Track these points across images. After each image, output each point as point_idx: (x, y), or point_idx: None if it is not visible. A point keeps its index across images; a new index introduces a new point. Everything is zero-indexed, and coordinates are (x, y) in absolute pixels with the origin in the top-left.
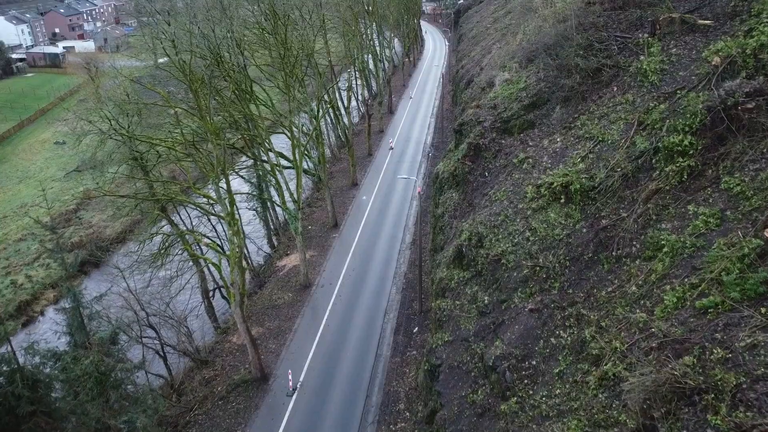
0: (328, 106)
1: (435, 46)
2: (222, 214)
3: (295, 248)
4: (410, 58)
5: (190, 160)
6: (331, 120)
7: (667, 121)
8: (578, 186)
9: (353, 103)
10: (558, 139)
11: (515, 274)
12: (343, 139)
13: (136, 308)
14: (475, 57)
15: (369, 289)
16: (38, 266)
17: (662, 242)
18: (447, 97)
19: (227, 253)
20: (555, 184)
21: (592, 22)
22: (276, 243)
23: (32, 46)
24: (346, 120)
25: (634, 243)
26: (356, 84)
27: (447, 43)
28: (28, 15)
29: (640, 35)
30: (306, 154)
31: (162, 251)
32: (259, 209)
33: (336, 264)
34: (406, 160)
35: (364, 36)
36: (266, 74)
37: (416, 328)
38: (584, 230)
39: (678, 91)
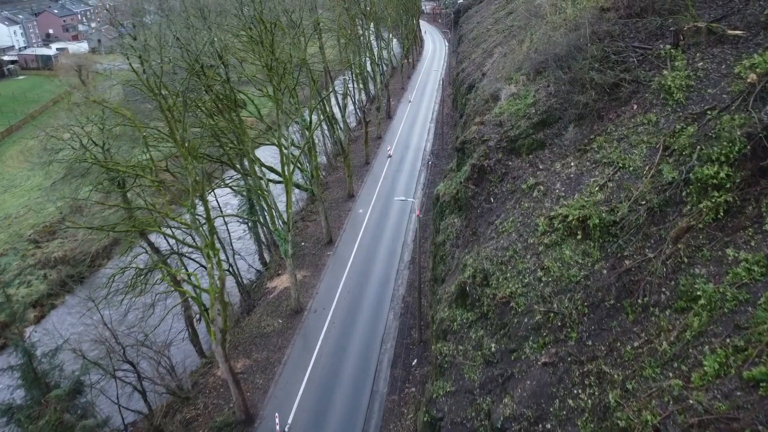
0: (324, 116)
1: (435, 46)
2: (200, 245)
3: (292, 256)
4: (409, 60)
5: (162, 186)
6: (327, 124)
7: (698, 147)
8: (597, 221)
9: (350, 107)
10: (572, 164)
11: (526, 320)
12: (338, 147)
13: (111, 341)
14: (477, 60)
15: (365, 314)
16: (19, 283)
17: (697, 292)
18: (447, 101)
19: (214, 281)
20: (570, 218)
21: (607, 31)
22: (268, 259)
23: (25, 48)
24: (342, 128)
25: (664, 290)
26: (353, 88)
27: (447, 44)
28: (20, 16)
29: (662, 46)
30: (299, 167)
31: (136, 281)
32: (249, 224)
33: (330, 285)
34: (405, 168)
35: (362, 38)
36: (255, 83)
37: (415, 360)
38: (604, 272)
39: (708, 112)
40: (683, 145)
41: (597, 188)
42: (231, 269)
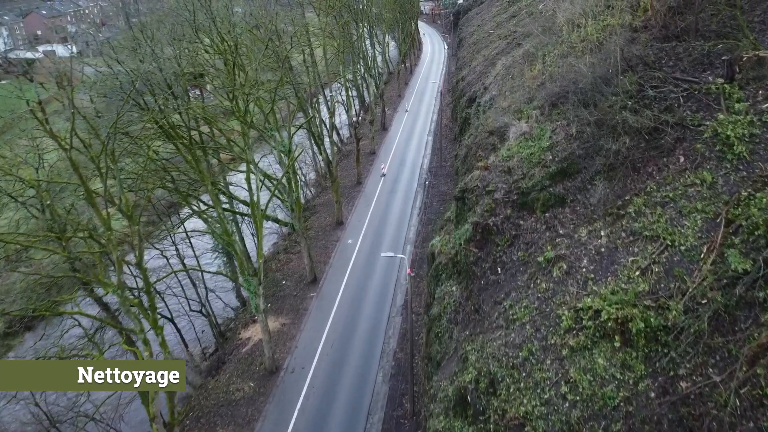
0: (310, 134)
1: (433, 49)
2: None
3: (265, 311)
4: (407, 65)
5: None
6: (316, 138)
7: None
8: (642, 325)
9: (344, 116)
10: (602, 232)
11: None
12: (329, 163)
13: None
14: (477, 68)
15: (350, 375)
16: None
17: None
18: (446, 111)
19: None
20: (605, 317)
21: (640, 57)
22: (245, 295)
23: (11, 50)
24: (329, 149)
25: None
26: (345, 99)
27: (446, 47)
28: (6, 17)
29: (711, 79)
30: (278, 197)
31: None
32: (225, 259)
33: (312, 336)
34: (400, 189)
35: (354, 45)
36: (223, 106)
37: None
38: (652, 394)
39: None
40: (755, 222)
41: (638, 272)
42: (204, 309)
